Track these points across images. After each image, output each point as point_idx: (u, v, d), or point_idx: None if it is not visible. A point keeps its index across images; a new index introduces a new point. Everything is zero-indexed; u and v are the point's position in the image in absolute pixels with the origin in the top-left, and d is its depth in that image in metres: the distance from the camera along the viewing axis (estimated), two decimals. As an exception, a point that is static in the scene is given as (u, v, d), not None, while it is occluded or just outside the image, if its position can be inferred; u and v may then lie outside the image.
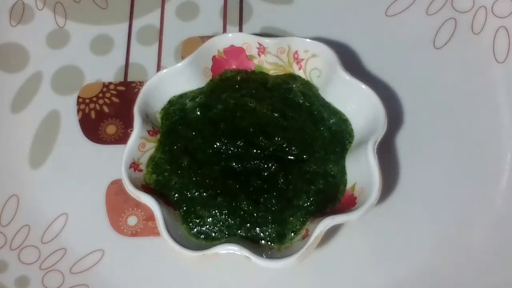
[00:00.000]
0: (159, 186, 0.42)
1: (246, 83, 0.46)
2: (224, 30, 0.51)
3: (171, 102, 0.45)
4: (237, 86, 0.45)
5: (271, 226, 0.40)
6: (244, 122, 0.43)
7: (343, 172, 0.42)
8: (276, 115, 0.43)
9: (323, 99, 0.45)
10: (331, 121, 0.44)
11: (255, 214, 0.40)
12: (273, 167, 0.42)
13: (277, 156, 0.42)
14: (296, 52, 0.45)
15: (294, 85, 0.45)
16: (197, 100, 0.45)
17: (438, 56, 0.48)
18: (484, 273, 0.41)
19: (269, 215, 0.40)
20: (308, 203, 0.41)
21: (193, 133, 0.43)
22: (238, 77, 0.46)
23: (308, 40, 0.44)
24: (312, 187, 0.41)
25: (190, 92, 0.45)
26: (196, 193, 0.41)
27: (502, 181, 0.44)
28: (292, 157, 0.42)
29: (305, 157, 0.42)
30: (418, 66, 0.48)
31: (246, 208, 0.40)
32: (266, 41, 0.45)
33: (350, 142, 0.43)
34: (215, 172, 0.41)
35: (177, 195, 0.42)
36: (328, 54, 0.43)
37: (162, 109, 0.45)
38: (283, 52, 0.45)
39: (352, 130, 0.44)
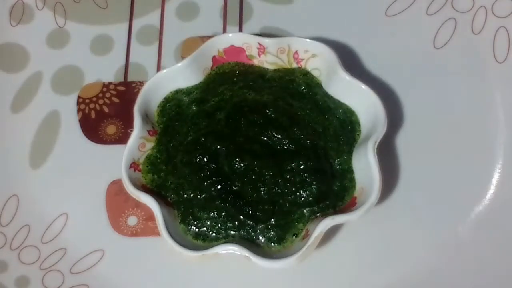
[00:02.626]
0: (155, 186, 0.42)
1: (244, 76, 0.45)
2: (224, 30, 0.51)
3: (167, 99, 0.45)
4: (234, 79, 0.44)
5: (274, 229, 0.40)
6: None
7: (351, 170, 0.41)
8: (280, 103, 0.42)
9: (326, 92, 0.44)
10: (340, 110, 0.43)
11: (256, 219, 0.40)
12: (278, 163, 0.40)
13: (282, 150, 0.41)
14: (296, 52, 0.45)
15: (296, 77, 0.45)
16: (192, 95, 0.44)
17: (438, 56, 0.48)
18: (484, 273, 0.41)
19: (272, 220, 0.40)
20: (315, 207, 0.40)
21: (189, 129, 0.42)
22: (236, 70, 0.45)
23: (308, 40, 0.44)
24: (321, 188, 0.40)
25: (186, 88, 0.45)
26: (192, 195, 0.41)
27: (502, 180, 0.44)
28: (302, 148, 0.41)
29: (314, 149, 0.41)
30: (418, 66, 0.48)
31: (246, 212, 0.40)
32: (266, 41, 0.45)
33: (359, 135, 0.43)
34: (212, 172, 0.40)
35: (173, 195, 0.41)
36: (328, 54, 0.43)
37: (158, 106, 0.45)
38: (283, 52, 0.45)
39: (359, 121, 0.43)
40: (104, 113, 0.49)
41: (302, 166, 0.40)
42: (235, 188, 0.40)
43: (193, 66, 0.44)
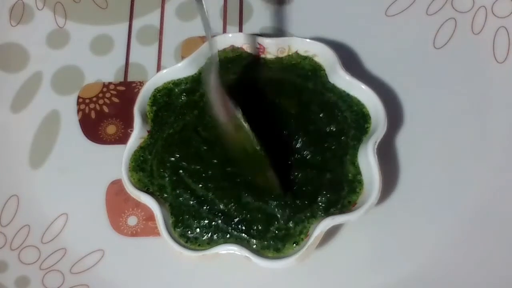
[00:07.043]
0: (143, 186, 0.40)
1: (238, 61, 0.44)
2: (224, 30, 0.51)
3: (158, 89, 0.44)
4: (228, 65, 0.43)
5: (273, 241, 0.38)
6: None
7: (359, 172, 0.40)
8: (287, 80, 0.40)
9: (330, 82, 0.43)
10: (349, 99, 0.42)
11: (251, 235, 0.38)
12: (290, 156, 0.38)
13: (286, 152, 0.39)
14: (296, 52, 0.45)
15: (300, 60, 0.43)
16: (182, 86, 0.43)
17: (438, 56, 0.48)
18: (484, 273, 0.41)
19: (274, 236, 0.38)
20: (322, 213, 0.38)
21: (175, 119, 0.41)
22: (229, 56, 0.44)
23: (308, 40, 0.44)
24: (331, 198, 0.38)
25: (178, 78, 0.44)
26: (176, 201, 0.39)
27: (502, 180, 0.44)
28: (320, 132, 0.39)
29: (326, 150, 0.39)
30: (418, 66, 0.48)
31: (239, 230, 0.38)
32: (266, 41, 0.45)
33: (368, 128, 0.41)
34: (208, 172, 0.39)
35: (160, 198, 0.40)
36: (328, 54, 0.43)
37: (150, 98, 0.44)
38: (283, 52, 0.45)
39: (370, 114, 0.42)
40: (104, 113, 0.49)
41: (311, 176, 0.39)
42: (222, 206, 0.38)
43: (193, 66, 0.44)
